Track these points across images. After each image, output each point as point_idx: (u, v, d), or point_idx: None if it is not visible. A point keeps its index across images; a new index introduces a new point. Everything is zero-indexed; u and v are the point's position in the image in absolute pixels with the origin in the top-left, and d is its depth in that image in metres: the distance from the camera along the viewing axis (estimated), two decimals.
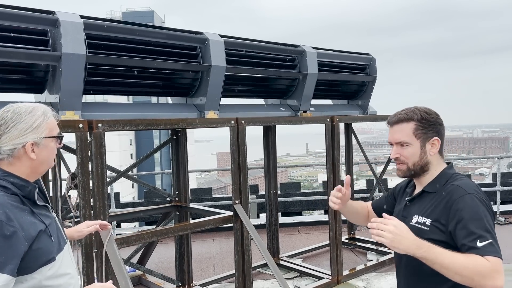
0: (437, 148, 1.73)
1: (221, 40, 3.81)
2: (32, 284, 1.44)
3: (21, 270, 1.41)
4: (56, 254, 1.52)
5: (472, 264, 1.48)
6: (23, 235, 1.39)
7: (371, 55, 5.34)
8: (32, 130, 1.50)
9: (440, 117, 1.77)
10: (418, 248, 1.49)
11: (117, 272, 2.92)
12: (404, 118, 1.74)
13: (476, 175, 54.88)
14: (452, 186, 1.66)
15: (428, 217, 1.66)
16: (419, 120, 1.72)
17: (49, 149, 1.56)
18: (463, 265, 1.48)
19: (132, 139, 49.83)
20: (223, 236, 6.46)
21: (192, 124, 3.67)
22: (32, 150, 1.51)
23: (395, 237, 1.49)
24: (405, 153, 1.73)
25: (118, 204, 8.00)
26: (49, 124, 1.55)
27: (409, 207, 1.78)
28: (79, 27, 3.03)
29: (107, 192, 3.11)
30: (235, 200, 3.88)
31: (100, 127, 3.02)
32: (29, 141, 1.49)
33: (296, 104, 4.64)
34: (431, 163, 1.74)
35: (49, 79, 3.14)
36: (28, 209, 1.48)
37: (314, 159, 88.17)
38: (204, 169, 16.84)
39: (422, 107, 1.77)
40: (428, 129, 1.72)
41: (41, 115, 1.54)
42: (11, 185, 1.47)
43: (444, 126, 1.77)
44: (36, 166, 1.54)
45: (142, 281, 4.83)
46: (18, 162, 1.51)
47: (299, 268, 5.02)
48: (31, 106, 1.56)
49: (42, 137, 1.52)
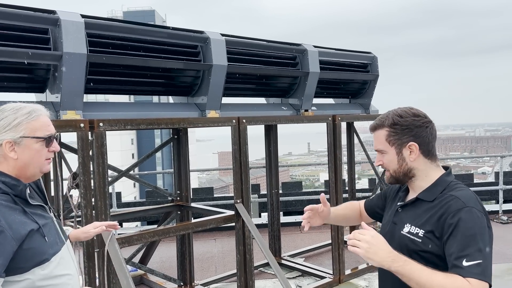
0: (416, 154, 1.60)
1: (222, 39, 3.80)
2: (25, 284, 1.42)
3: (12, 270, 1.38)
4: (51, 255, 1.49)
5: (451, 285, 1.36)
6: (11, 234, 1.37)
7: (373, 54, 5.33)
8: (11, 128, 1.46)
9: (420, 119, 1.61)
10: (393, 262, 1.40)
11: (118, 272, 2.91)
12: (377, 124, 1.66)
13: (478, 174, 54.79)
14: (450, 197, 1.53)
15: (421, 228, 1.55)
16: (390, 126, 1.62)
17: (33, 150, 1.50)
18: (440, 286, 1.36)
19: (133, 138, 49.90)
20: (224, 236, 6.45)
21: (193, 123, 3.66)
22: (12, 149, 1.47)
23: (371, 247, 1.41)
24: (384, 161, 1.66)
25: (119, 204, 8.00)
26: (31, 124, 1.50)
27: (401, 214, 1.67)
28: (80, 26, 3.03)
29: (108, 192, 3.11)
30: (237, 199, 3.88)
31: (101, 126, 3.02)
32: (5, 139, 1.46)
33: (297, 103, 4.62)
34: (416, 168, 1.62)
35: (50, 79, 3.13)
36: (20, 208, 1.45)
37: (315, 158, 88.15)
38: (205, 168, 16.82)
39: (399, 110, 1.65)
40: (401, 134, 1.60)
41: (25, 114, 1.49)
42: (2, 184, 1.45)
43: (427, 128, 1.61)
44: (21, 168, 1.49)
45: (144, 281, 4.83)
46: (4, 161, 1.48)
47: (301, 268, 5.01)
48: (20, 105, 1.52)
49: (20, 136, 1.47)
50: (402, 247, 1.56)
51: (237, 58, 3.99)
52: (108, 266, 2.96)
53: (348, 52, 5.13)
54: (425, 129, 1.61)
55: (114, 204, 6.82)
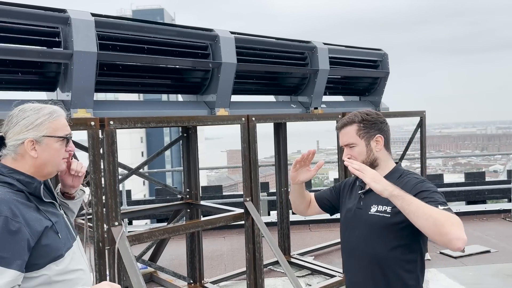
0: (381, 144, 1.88)
1: (231, 37, 3.79)
2: (42, 280, 1.45)
3: (29, 266, 1.41)
4: (65, 251, 1.52)
5: (445, 213, 1.57)
6: (29, 231, 1.40)
7: (383, 51, 5.28)
8: (33, 128, 1.51)
9: (381, 117, 1.92)
10: (394, 189, 1.61)
11: (129, 269, 2.93)
12: (347, 122, 1.91)
13: (490, 172, 54.09)
14: (406, 178, 1.82)
15: (387, 206, 1.77)
16: (360, 122, 1.88)
17: (53, 149, 1.54)
18: (438, 211, 1.57)
19: (143, 136, 50.20)
20: (233, 234, 6.46)
21: (203, 121, 3.66)
22: (33, 148, 1.51)
23: (376, 175, 1.66)
24: (354, 153, 1.88)
25: (129, 202, 8.05)
26: (53, 124, 1.54)
27: (365, 199, 1.89)
28: (91, 25, 3.04)
29: (119, 190, 3.12)
30: (246, 197, 3.87)
31: (112, 124, 3.03)
32: (28, 138, 1.50)
33: (307, 101, 4.60)
34: (379, 158, 1.88)
35: (60, 77, 3.15)
36: (34, 206, 1.48)
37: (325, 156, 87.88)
38: (214, 166, 16.84)
39: (363, 110, 1.94)
40: (370, 128, 1.87)
41: (46, 114, 1.54)
42: (16, 182, 1.48)
43: (387, 125, 1.92)
44: (39, 166, 1.53)
45: (154, 278, 4.85)
46: (22, 159, 1.51)
47: (311, 266, 4.99)
48: (41, 105, 1.56)
49: (42, 136, 1.51)
50: (372, 225, 1.81)
51: (246, 56, 3.98)
52: (119, 264, 2.98)
53: (358, 49, 5.09)
54: (386, 125, 1.92)
55: (124, 201, 6.86)
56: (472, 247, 5.54)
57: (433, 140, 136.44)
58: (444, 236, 1.52)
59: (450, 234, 1.51)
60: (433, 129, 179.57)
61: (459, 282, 4.51)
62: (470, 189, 9.05)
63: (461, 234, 1.53)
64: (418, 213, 1.56)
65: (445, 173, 14.78)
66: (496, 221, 6.93)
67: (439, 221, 1.53)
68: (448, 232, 1.52)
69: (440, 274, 4.75)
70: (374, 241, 1.81)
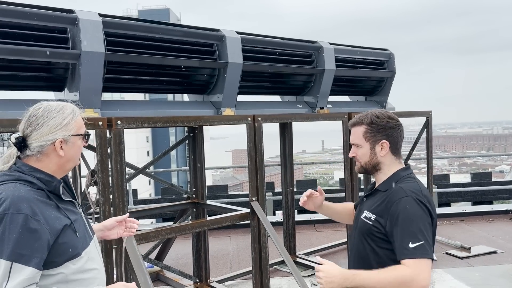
0: (386, 150, 1.85)
1: (237, 37, 3.80)
2: (59, 278, 1.47)
3: (47, 264, 1.43)
4: (82, 250, 1.55)
5: (394, 277, 1.63)
6: (48, 229, 1.42)
7: (389, 51, 5.27)
8: (62, 128, 1.54)
9: (393, 121, 1.87)
10: (345, 280, 1.66)
11: (136, 268, 2.95)
12: (357, 122, 1.91)
13: (496, 173, 53.70)
14: (396, 187, 1.80)
15: (373, 213, 1.82)
16: (368, 124, 1.86)
17: (76, 146, 1.60)
18: (388, 281, 1.63)
19: (148, 136, 50.33)
20: (239, 233, 6.46)
21: (209, 121, 3.67)
22: (61, 147, 1.54)
23: (325, 279, 1.67)
24: (358, 153, 1.90)
25: (135, 201, 8.10)
26: (77, 122, 1.59)
27: (364, 203, 1.93)
28: (98, 25, 3.06)
29: (126, 189, 3.14)
30: (252, 197, 3.88)
31: (119, 124, 3.05)
32: (58, 138, 1.53)
33: (313, 101, 4.60)
34: (383, 163, 1.87)
35: (68, 77, 3.18)
36: (54, 204, 1.50)
37: (330, 156, 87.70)
38: (220, 166, 16.88)
39: (377, 111, 1.90)
40: (376, 133, 1.85)
41: (70, 113, 1.58)
42: (37, 180, 1.50)
43: (398, 130, 1.87)
44: (63, 163, 1.58)
45: (160, 277, 4.87)
46: (46, 158, 1.54)
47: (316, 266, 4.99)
48: (61, 104, 1.59)
49: (71, 135, 1.56)
50: (359, 230, 1.87)
51: (252, 56, 3.99)
52: (126, 263, 3.00)
53: (364, 49, 5.08)
54: (396, 130, 1.87)
55: (130, 201, 6.90)
56: (479, 247, 5.51)
57: (439, 140, 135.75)
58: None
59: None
60: (439, 129, 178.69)
61: (465, 283, 4.49)
62: (477, 189, 9.01)
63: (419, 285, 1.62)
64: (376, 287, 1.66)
65: (451, 174, 14.71)
66: (502, 221, 6.89)
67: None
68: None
69: (446, 274, 4.73)
70: (359, 244, 1.87)
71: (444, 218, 6.97)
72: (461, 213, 7.11)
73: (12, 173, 1.49)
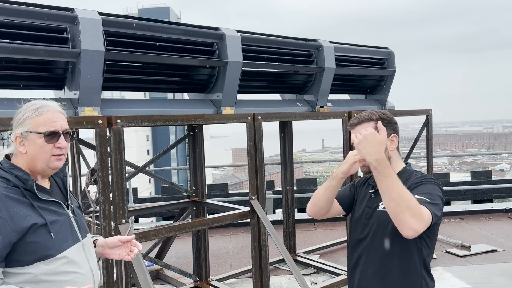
0: (395, 144, 1.91)
1: (237, 36, 3.80)
2: (27, 277, 1.44)
3: (12, 262, 1.41)
4: (58, 251, 1.49)
5: (414, 202, 1.60)
6: (11, 226, 1.40)
7: (389, 49, 5.26)
8: (19, 124, 1.54)
9: (393, 118, 1.96)
10: (377, 161, 1.66)
11: (136, 267, 2.95)
12: (365, 119, 1.92)
13: (496, 171, 53.71)
14: (414, 175, 1.88)
15: None
16: (378, 119, 1.89)
17: (37, 145, 1.53)
18: (406, 196, 1.60)
19: (148, 135, 50.35)
20: (239, 232, 6.47)
21: (209, 120, 3.67)
22: (22, 144, 1.53)
23: (363, 141, 1.71)
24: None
25: (135, 199, 8.10)
26: (35, 119, 1.53)
27: (374, 198, 1.91)
28: (98, 24, 3.06)
29: (126, 187, 3.14)
30: (252, 196, 3.88)
31: (119, 123, 3.05)
32: (15, 134, 1.54)
33: (313, 99, 4.60)
34: (392, 158, 1.89)
35: (68, 76, 3.18)
36: (28, 202, 1.48)
37: (330, 155, 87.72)
38: (220, 165, 16.89)
39: (378, 110, 1.98)
40: (387, 127, 1.87)
41: (32, 110, 1.55)
42: (14, 178, 1.49)
43: (398, 125, 1.96)
44: (30, 162, 1.54)
45: (160, 276, 4.88)
46: (19, 155, 1.56)
47: (316, 264, 5.00)
48: (34, 102, 1.57)
49: (26, 131, 1.53)
50: (380, 222, 1.83)
51: (252, 55, 3.98)
52: (126, 261, 3.00)
53: (364, 47, 5.07)
54: (398, 126, 1.96)
55: (130, 199, 6.90)
56: (479, 246, 5.52)
57: (439, 138, 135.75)
58: (399, 222, 1.60)
59: (404, 222, 1.59)
60: (439, 128, 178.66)
61: (465, 281, 4.49)
62: (477, 188, 9.01)
63: (415, 225, 1.58)
64: (387, 190, 1.63)
65: (451, 172, 14.71)
66: (502, 220, 6.90)
67: (402, 206, 1.59)
68: (404, 219, 1.58)
69: (446, 273, 4.74)
70: (383, 237, 1.84)
71: (444, 217, 6.95)
72: (461, 212, 7.11)
73: None
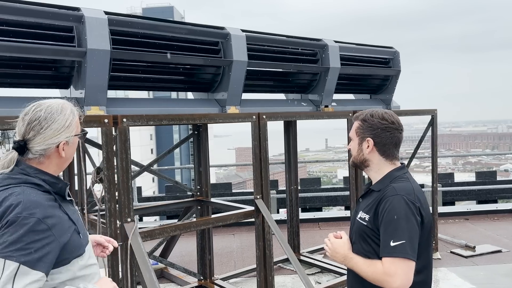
0: (370, 148, 1.88)
1: (242, 35, 3.80)
2: (68, 275, 1.50)
3: (58, 263, 1.45)
4: (85, 246, 1.57)
5: (371, 272, 1.74)
6: (58, 233, 1.43)
7: (394, 49, 5.25)
8: (65, 130, 1.53)
9: (386, 123, 1.87)
10: (344, 259, 1.86)
11: (141, 265, 2.96)
12: (356, 116, 1.98)
13: (501, 172, 53.37)
14: (389, 187, 1.82)
15: (367, 213, 1.85)
16: (361, 120, 1.92)
17: (75, 145, 1.61)
18: (367, 275, 1.76)
19: (152, 134, 50.47)
20: (243, 231, 6.48)
21: (214, 119, 3.68)
22: (63, 148, 1.54)
23: (331, 252, 1.91)
24: (351, 147, 1.99)
25: (140, 198, 8.13)
26: (76, 122, 1.59)
27: (360, 203, 1.97)
28: (104, 23, 3.07)
29: (131, 186, 3.16)
30: (257, 195, 3.88)
31: (125, 122, 3.06)
32: (62, 141, 1.52)
33: (317, 99, 4.59)
34: (370, 160, 1.91)
35: (74, 75, 3.19)
36: (58, 205, 1.50)
37: (333, 155, 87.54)
38: (224, 164, 16.92)
39: (375, 111, 1.93)
40: (365, 130, 1.90)
41: (70, 114, 1.56)
42: (43, 183, 1.49)
43: (388, 132, 1.86)
44: (62, 163, 1.58)
45: (165, 274, 4.90)
46: (47, 160, 1.53)
47: (320, 264, 4.99)
48: (59, 104, 1.56)
49: (73, 135, 1.56)
50: (356, 231, 1.90)
51: (257, 54, 3.99)
52: (131, 260, 3.01)
53: (369, 47, 5.06)
54: (385, 132, 1.88)
55: (135, 198, 6.93)
56: (483, 246, 5.50)
57: (443, 138, 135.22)
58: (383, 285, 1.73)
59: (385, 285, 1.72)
60: (443, 128, 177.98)
61: (470, 282, 4.48)
62: (481, 188, 8.97)
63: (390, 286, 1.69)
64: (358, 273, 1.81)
65: (456, 172, 14.63)
66: (507, 220, 6.87)
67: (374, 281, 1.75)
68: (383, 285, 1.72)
69: (450, 273, 4.72)
70: (357, 245, 1.88)
71: (449, 217, 6.95)
72: (465, 212, 7.09)
73: (17, 176, 1.46)
